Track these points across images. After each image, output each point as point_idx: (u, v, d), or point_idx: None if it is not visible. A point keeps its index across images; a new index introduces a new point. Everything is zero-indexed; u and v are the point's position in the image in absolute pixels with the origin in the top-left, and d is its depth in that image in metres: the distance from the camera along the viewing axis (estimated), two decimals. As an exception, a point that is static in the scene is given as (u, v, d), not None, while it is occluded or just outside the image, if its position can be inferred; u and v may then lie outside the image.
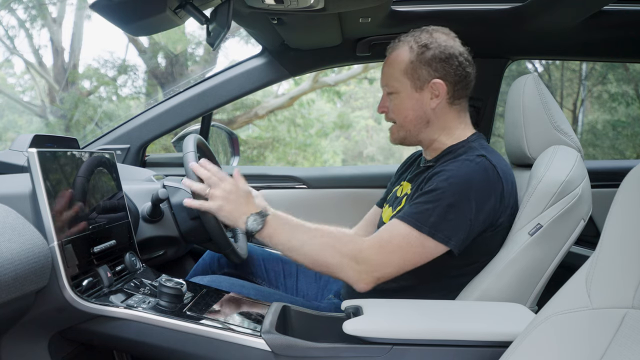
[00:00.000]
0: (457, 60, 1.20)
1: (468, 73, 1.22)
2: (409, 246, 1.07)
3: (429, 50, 1.19)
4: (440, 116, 1.23)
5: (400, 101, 1.23)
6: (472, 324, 0.93)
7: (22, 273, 0.81)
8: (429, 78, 1.19)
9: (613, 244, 0.72)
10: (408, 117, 1.23)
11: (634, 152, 6.54)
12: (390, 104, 1.26)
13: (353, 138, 8.37)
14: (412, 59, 1.20)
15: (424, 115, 1.22)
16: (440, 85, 1.19)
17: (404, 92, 1.22)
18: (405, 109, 1.23)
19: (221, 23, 1.14)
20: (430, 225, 1.06)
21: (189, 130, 2.00)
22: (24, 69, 7.11)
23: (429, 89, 1.20)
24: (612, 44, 1.70)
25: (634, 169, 0.73)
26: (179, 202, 1.35)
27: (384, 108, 1.28)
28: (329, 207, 1.91)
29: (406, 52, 1.21)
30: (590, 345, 0.68)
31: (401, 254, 1.07)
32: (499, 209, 1.12)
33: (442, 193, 1.08)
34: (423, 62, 1.19)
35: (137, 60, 7.70)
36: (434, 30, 1.23)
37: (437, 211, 1.06)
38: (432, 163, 1.23)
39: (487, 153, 1.15)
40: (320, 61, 1.87)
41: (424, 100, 1.21)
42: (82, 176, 1.03)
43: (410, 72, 1.20)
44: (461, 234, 1.07)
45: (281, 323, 0.98)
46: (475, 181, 1.09)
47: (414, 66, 1.20)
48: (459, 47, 1.22)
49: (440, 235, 1.06)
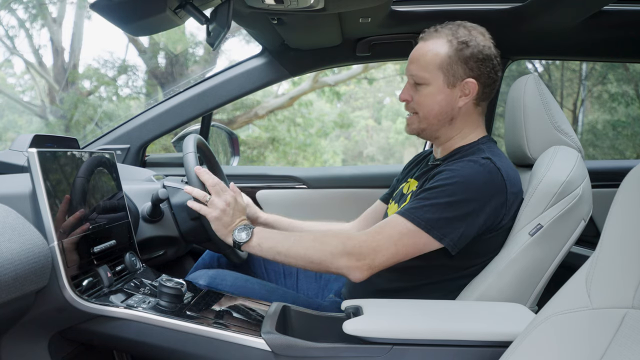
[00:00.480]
0: (492, 62, 1.18)
1: (498, 77, 1.22)
2: (401, 235, 1.06)
3: (468, 48, 1.16)
4: (464, 116, 1.21)
5: (429, 94, 1.19)
6: (472, 324, 0.93)
7: (22, 273, 0.81)
8: (464, 76, 1.17)
9: (613, 244, 0.72)
10: (434, 111, 1.20)
11: (634, 152, 6.54)
12: (416, 94, 1.21)
13: (353, 138, 8.37)
14: (451, 54, 1.16)
15: (450, 112, 1.20)
16: (473, 85, 1.17)
17: (434, 85, 1.18)
18: (433, 102, 1.19)
19: (221, 23, 1.14)
20: (427, 220, 1.06)
21: (189, 130, 2.00)
22: (24, 69, 7.12)
23: (461, 87, 1.18)
24: (612, 44, 1.69)
25: (634, 169, 0.73)
26: (179, 202, 1.35)
27: (408, 97, 1.23)
28: (329, 207, 1.91)
29: (444, 45, 1.17)
30: (590, 345, 0.68)
31: (392, 241, 1.07)
32: (500, 212, 1.12)
33: (442, 191, 1.08)
34: (461, 59, 1.16)
35: (137, 60, 7.71)
36: (472, 28, 1.20)
37: (435, 208, 1.06)
38: (440, 162, 1.23)
39: (493, 156, 1.14)
40: (320, 61, 1.87)
41: (453, 97, 1.19)
42: (82, 176, 1.03)
43: (446, 66, 1.17)
44: (457, 233, 1.07)
45: (281, 323, 0.98)
46: (477, 182, 1.09)
47: (451, 61, 1.16)
48: (494, 49, 1.20)
49: (435, 232, 1.06)
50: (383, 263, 1.07)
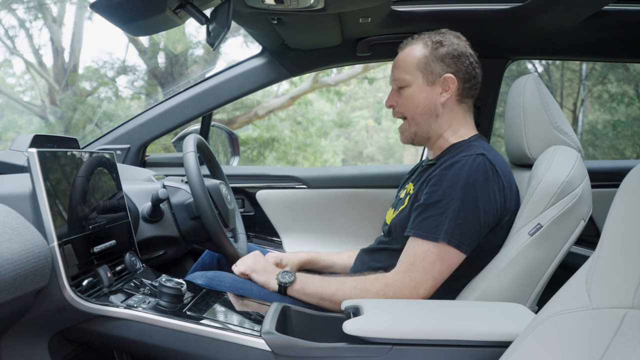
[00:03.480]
0: (468, 60, 1.25)
1: (477, 74, 1.27)
2: (432, 262, 1.10)
3: (443, 47, 1.24)
4: (448, 112, 1.26)
5: (411, 94, 1.26)
6: (472, 324, 0.93)
7: (22, 273, 0.81)
8: (442, 72, 1.23)
9: (613, 244, 0.72)
10: (418, 109, 1.26)
11: (634, 152, 6.54)
12: (400, 98, 1.28)
13: (353, 138, 8.37)
14: (426, 53, 1.24)
15: (434, 109, 1.25)
16: (452, 80, 1.23)
17: (415, 85, 1.25)
18: (416, 101, 1.26)
19: (221, 23, 1.14)
20: (444, 232, 1.09)
21: (189, 130, 2.00)
22: (24, 69, 7.12)
23: (440, 84, 1.24)
24: (612, 44, 1.70)
25: (634, 169, 0.73)
26: (179, 202, 1.35)
27: (393, 102, 1.30)
28: (329, 207, 1.91)
29: (420, 47, 1.26)
30: (590, 345, 0.68)
31: (430, 274, 1.10)
32: (502, 206, 1.14)
33: (448, 202, 1.10)
34: (437, 57, 1.24)
35: (137, 61, 7.70)
36: (447, 32, 1.28)
37: (447, 219, 1.09)
38: (434, 161, 1.25)
39: (486, 152, 1.16)
40: (320, 61, 1.87)
41: (434, 94, 1.25)
42: (82, 176, 1.03)
43: (423, 65, 1.24)
44: (472, 237, 1.11)
45: (281, 323, 0.98)
46: (477, 184, 1.11)
47: (427, 60, 1.24)
48: (470, 49, 1.27)
49: (454, 241, 1.09)
50: (426, 296, 1.11)
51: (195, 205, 1.28)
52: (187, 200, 1.35)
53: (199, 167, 1.28)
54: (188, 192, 1.36)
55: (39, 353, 0.96)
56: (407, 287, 1.10)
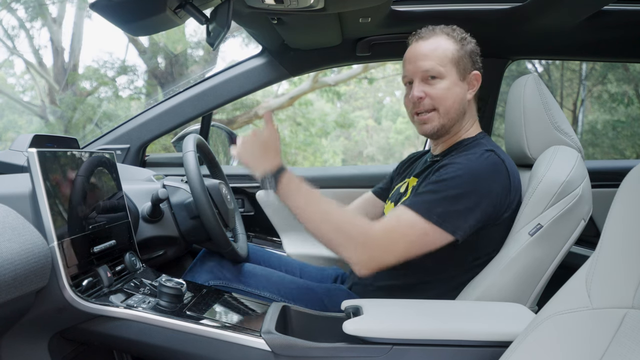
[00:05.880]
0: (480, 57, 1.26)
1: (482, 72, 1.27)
2: (415, 234, 1.06)
3: (469, 43, 1.23)
4: (470, 109, 1.26)
5: (447, 87, 1.20)
6: (472, 324, 0.93)
7: (22, 273, 0.81)
8: (471, 69, 1.22)
9: (613, 244, 0.72)
10: (455, 104, 1.21)
11: (634, 152, 6.54)
12: (432, 89, 1.20)
13: (353, 138, 8.37)
14: (457, 47, 1.21)
15: (464, 106, 1.23)
16: (478, 77, 1.23)
17: (450, 79, 1.20)
18: (452, 95, 1.20)
19: (221, 23, 1.14)
20: (438, 214, 1.06)
21: (189, 130, 2.00)
22: (24, 69, 7.13)
23: (469, 80, 1.23)
24: (612, 44, 1.70)
25: (634, 169, 0.73)
26: (178, 201, 1.35)
27: (423, 94, 1.20)
28: (329, 207, 1.91)
29: (448, 41, 1.21)
30: (590, 345, 0.68)
31: (406, 241, 1.07)
32: (504, 202, 1.13)
33: (449, 184, 1.08)
34: (467, 52, 1.21)
35: (137, 61, 7.70)
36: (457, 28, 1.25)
37: (446, 201, 1.07)
38: (439, 157, 1.24)
39: (495, 149, 1.17)
40: (320, 61, 1.87)
41: (464, 90, 1.23)
42: (82, 176, 1.03)
43: (456, 60, 1.20)
44: (467, 225, 1.07)
45: (281, 323, 0.98)
46: (483, 174, 1.10)
47: (460, 55, 1.20)
48: None
49: (447, 225, 1.06)
50: (392, 263, 1.07)
51: (195, 205, 1.28)
52: (186, 200, 1.35)
53: (198, 166, 1.28)
54: (188, 191, 1.36)
55: (39, 353, 0.96)
56: (382, 248, 1.06)
